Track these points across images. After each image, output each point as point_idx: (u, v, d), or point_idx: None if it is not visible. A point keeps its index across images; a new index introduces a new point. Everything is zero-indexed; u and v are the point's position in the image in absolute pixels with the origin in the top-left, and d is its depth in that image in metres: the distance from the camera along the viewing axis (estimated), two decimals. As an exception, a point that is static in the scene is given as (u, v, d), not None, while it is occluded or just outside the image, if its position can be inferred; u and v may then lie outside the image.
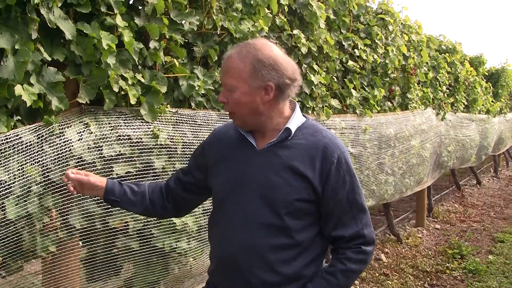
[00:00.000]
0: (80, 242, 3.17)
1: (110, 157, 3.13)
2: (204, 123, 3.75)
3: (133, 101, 3.19)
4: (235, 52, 2.43)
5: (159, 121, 3.44)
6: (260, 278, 2.40)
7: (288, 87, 2.43)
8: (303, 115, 2.58)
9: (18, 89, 2.54)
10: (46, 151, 2.82)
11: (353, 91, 6.11)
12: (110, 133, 3.14)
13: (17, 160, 2.67)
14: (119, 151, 3.17)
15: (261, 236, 2.40)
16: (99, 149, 3.08)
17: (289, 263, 2.41)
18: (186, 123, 3.64)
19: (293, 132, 2.46)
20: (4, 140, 2.61)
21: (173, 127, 3.53)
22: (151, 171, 3.37)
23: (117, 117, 3.21)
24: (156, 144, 3.38)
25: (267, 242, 2.39)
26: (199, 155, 2.76)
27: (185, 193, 2.79)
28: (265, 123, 2.47)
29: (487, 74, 14.40)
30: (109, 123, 3.15)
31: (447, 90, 10.00)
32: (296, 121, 2.50)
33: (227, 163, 2.56)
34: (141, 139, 3.30)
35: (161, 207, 2.78)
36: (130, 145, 3.24)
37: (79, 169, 2.97)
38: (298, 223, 2.42)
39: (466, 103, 11.27)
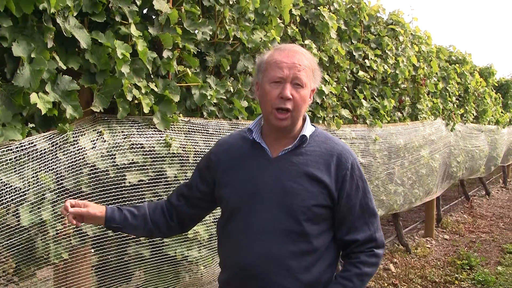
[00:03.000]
0: (92, 249, 3.19)
1: (123, 165, 3.15)
2: (216, 132, 3.76)
3: (146, 110, 3.21)
4: (301, 50, 2.49)
5: (172, 130, 3.45)
6: (281, 285, 2.41)
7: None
8: (312, 124, 2.62)
9: (33, 97, 2.56)
10: (60, 158, 2.84)
11: (364, 101, 6.12)
12: (123, 141, 3.16)
13: (31, 168, 2.69)
14: (132, 160, 3.19)
15: (281, 243, 2.41)
16: (112, 157, 3.10)
17: (309, 270, 2.43)
18: (198, 132, 3.65)
19: (307, 139, 2.50)
20: (19, 147, 2.63)
21: (185, 136, 3.54)
22: (163, 179, 3.38)
23: (130, 126, 3.23)
24: (169, 152, 3.39)
25: (287, 249, 2.41)
26: (204, 168, 2.71)
27: (191, 208, 2.75)
28: (296, 127, 2.51)
29: (496, 85, 14.40)
30: (122, 132, 3.17)
31: (457, 101, 9.99)
32: (308, 129, 2.54)
33: (238, 172, 2.55)
34: (154, 147, 3.31)
35: (166, 227, 2.74)
36: (143, 154, 3.26)
37: (92, 178, 3.00)
38: (315, 228, 2.44)
39: (475, 114, 11.27)
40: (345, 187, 2.46)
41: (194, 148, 3.57)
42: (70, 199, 2.59)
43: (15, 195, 2.62)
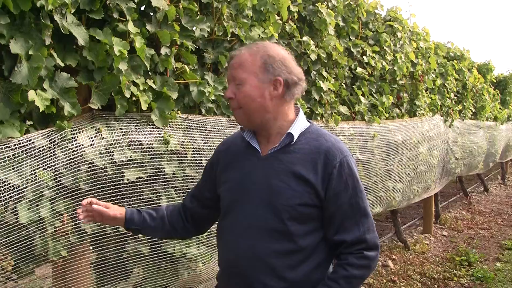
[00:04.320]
0: (91, 247, 3.19)
1: (121, 163, 3.15)
2: (214, 129, 3.76)
3: (144, 107, 3.21)
4: (245, 48, 2.48)
5: (170, 127, 3.45)
6: (264, 283, 2.39)
7: (295, 85, 2.46)
8: (308, 120, 2.58)
9: (31, 94, 2.57)
10: (58, 156, 2.84)
11: (362, 98, 6.12)
12: (121, 138, 3.16)
13: (29, 165, 2.69)
14: (130, 157, 3.19)
15: (264, 241, 2.40)
16: (110, 155, 3.10)
17: (295, 269, 2.40)
18: (197, 129, 3.65)
19: (295, 137, 2.46)
20: (17, 144, 2.63)
21: (183, 133, 3.54)
22: (161, 176, 3.38)
23: (128, 123, 3.23)
24: (167, 149, 3.39)
25: (269, 247, 2.39)
26: (209, 167, 2.75)
27: (203, 209, 2.77)
28: (269, 123, 2.46)
29: (495, 81, 14.41)
30: (121, 129, 3.17)
31: (455, 97, 10.00)
32: (299, 126, 2.50)
33: (233, 171, 2.56)
34: (152, 144, 3.31)
35: (182, 229, 2.77)
36: (141, 151, 3.26)
37: (90, 175, 3.00)
38: (301, 228, 2.41)
39: (473, 110, 11.27)
40: (331, 185, 2.40)
41: (192, 145, 3.57)
42: (90, 197, 2.62)
43: (13, 193, 2.62)
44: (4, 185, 2.57)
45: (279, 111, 2.47)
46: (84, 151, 2.96)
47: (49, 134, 2.80)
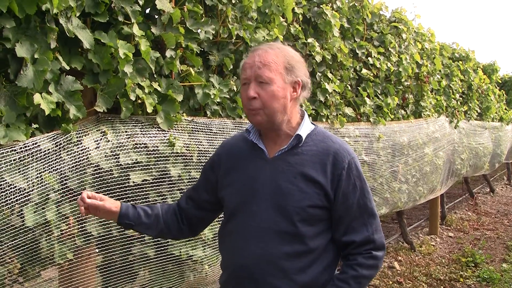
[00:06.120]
0: (97, 249, 3.19)
1: (126, 165, 3.15)
2: (220, 131, 3.76)
3: (149, 109, 3.21)
4: (266, 47, 2.45)
5: (175, 130, 3.45)
6: (275, 286, 2.39)
7: (306, 88, 2.50)
8: (311, 123, 2.58)
9: (37, 98, 2.57)
10: (64, 159, 2.84)
11: (367, 99, 6.12)
12: (127, 141, 3.16)
13: (35, 168, 2.70)
14: (136, 159, 3.19)
15: (275, 244, 2.39)
16: (116, 157, 3.10)
17: (304, 271, 2.40)
18: (202, 131, 3.66)
19: (303, 139, 2.47)
20: (23, 148, 2.63)
21: (189, 135, 3.54)
22: (167, 179, 3.39)
23: (133, 126, 3.24)
24: (172, 152, 3.40)
25: (281, 250, 2.38)
26: (208, 170, 2.72)
27: (199, 211, 2.75)
28: (283, 124, 2.45)
29: (500, 81, 14.40)
30: (126, 132, 3.18)
31: (460, 98, 9.98)
32: (305, 128, 2.50)
33: (238, 173, 2.54)
34: (158, 147, 3.32)
35: (176, 229, 2.74)
36: (147, 153, 3.26)
37: (96, 178, 3.00)
38: (311, 229, 2.41)
39: (479, 111, 11.25)
40: (341, 187, 2.42)
41: (197, 147, 3.57)
42: (87, 190, 2.61)
43: (19, 196, 2.62)
44: (10, 188, 2.58)
45: (293, 112, 2.49)
46: (89, 154, 2.96)
47: (55, 137, 2.81)
